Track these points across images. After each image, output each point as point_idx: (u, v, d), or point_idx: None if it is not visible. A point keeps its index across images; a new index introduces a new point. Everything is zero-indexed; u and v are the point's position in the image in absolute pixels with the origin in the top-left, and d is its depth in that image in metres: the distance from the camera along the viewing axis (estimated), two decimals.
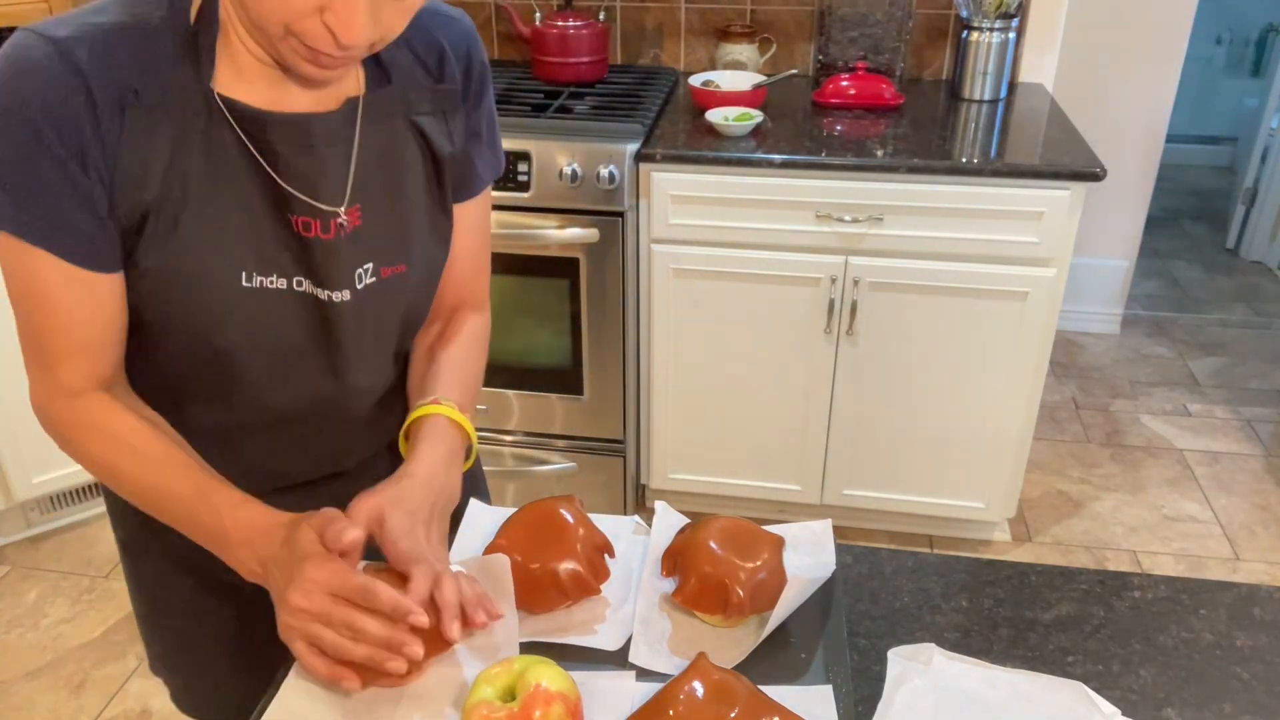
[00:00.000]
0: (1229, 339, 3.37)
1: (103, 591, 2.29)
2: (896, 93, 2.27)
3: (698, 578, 0.81)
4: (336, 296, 0.86)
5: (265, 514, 0.80)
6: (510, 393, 2.31)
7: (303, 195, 0.82)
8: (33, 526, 2.47)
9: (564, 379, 2.27)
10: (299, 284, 0.84)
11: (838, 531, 1.41)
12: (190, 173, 0.78)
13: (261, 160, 0.80)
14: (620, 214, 2.06)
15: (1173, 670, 0.81)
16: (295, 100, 0.82)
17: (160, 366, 0.88)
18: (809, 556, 0.89)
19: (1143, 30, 2.93)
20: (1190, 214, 4.38)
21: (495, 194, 2.06)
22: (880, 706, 0.76)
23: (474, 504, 0.97)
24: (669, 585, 0.86)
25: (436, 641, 0.78)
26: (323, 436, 0.96)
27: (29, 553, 2.42)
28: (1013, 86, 2.43)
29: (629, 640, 0.82)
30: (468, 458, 0.93)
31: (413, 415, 0.91)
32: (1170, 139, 3.17)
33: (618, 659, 0.81)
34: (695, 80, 2.29)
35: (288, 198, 0.81)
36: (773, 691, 0.75)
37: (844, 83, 2.27)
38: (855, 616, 0.86)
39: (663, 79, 2.46)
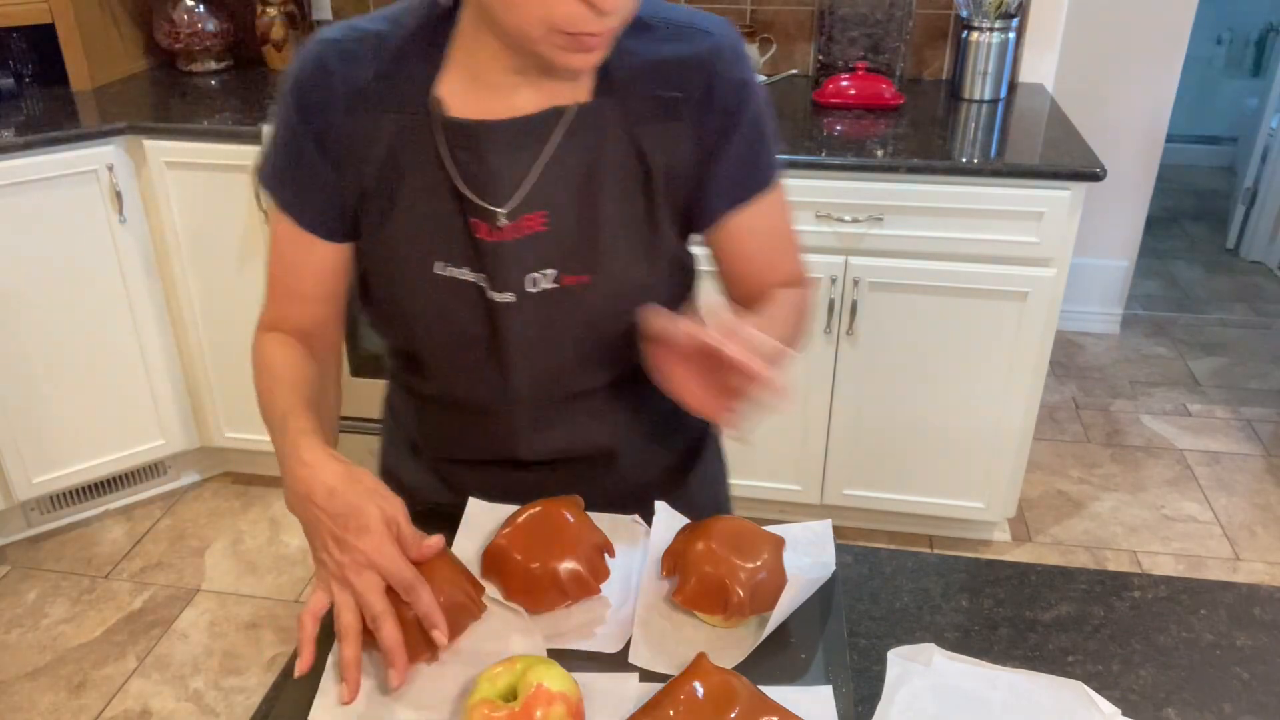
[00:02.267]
0: (1229, 339, 3.38)
1: (103, 591, 2.29)
2: (896, 93, 2.27)
3: (698, 578, 0.81)
4: (500, 297, 0.89)
5: (325, 456, 0.83)
6: None
7: (472, 195, 0.86)
8: (33, 526, 2.47)
9: None
10: (479, 278, 0.89)
11: (838, 531, 1.41)
12: (404, 165, 0.87)
13: (446, 159, 0.86)
14: None
15: (1173, 670, 0.81)
16: (513, 109, 0.86)
17: (380, 336, 1.01)
18: (809, 556, 0.89)
19: (1143, 30, 2.93)
20: (1190, 214, 4.38)
21: None
22: (880, 707, 0.76)
23: (474, 503, 0.97)
24: (669, 585, 0.86)
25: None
26: (491, 425, 1.00)
27: (29, 553, 2.42)
28: (1013, 86, 2.43)
29: (629, 641, 0.82)
30: None
31: None
32: (1170, 139, 3.17)
33: (618, 659, 0.81)
34: None
35: (464, 196, 0.87)
36: (773, 691, 0.75)
37: (844, 83, 2.27)
38: (855, 616, 0.86)
39: None
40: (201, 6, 2.55)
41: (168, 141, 2.19)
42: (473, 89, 0.86)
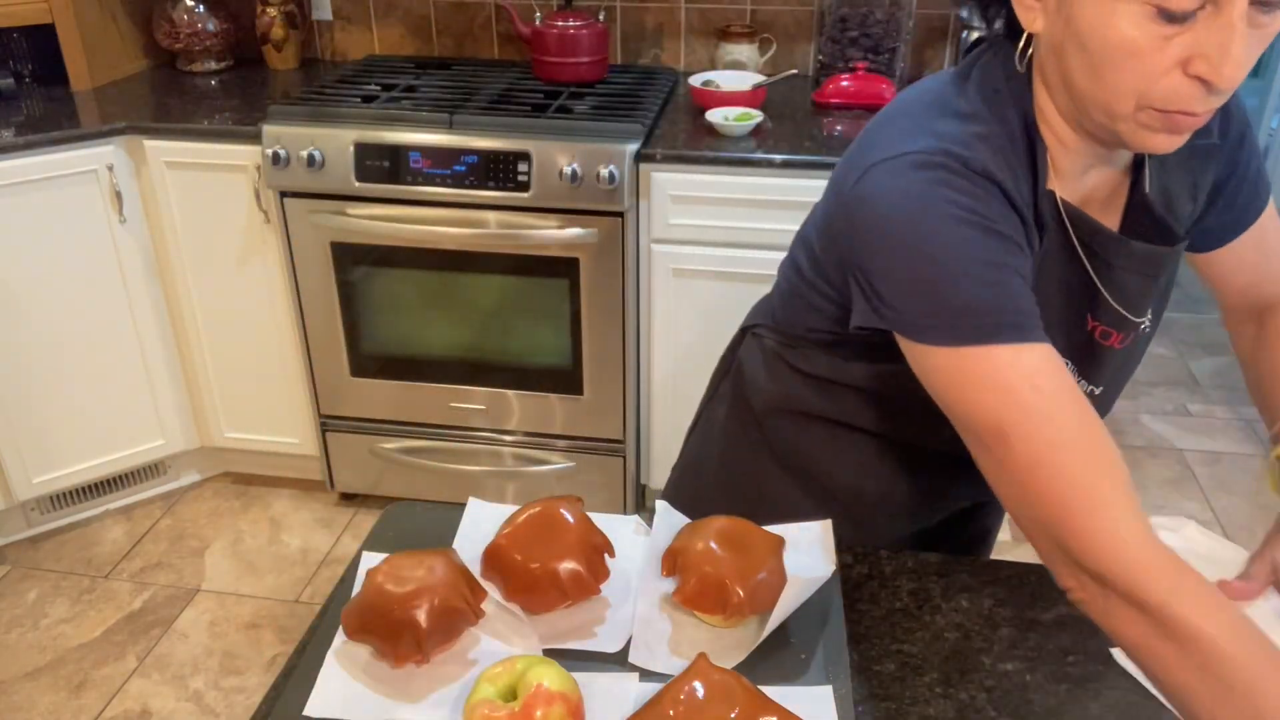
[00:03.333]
0: (1229, 339, 3.37)
1: (103, 591, 2.29)
2: (897, 93, 2.27)
3: (698, 578, 0.81)
4: (1094, 389, 0.89)
5: None
6: (510, 393, 2.31)
7: (1122, 310, 0.83)
8: (33, 526, 2.47)
9: (564, 379, 2.27)
10: (1075, 371, 0.87)
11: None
12: (1046, 275, 0.81)
13: (1093, 274, 0.82)
14: (620, 214, 2.06)
15: None
16: (1091, 189, 0.83)
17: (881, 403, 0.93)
18: (809, 556, 0.89)
19: None
20: None
21: (495, 194, 2.06)
22: None
23: (473, 503, 0.97)
24: (669, 585, 0.86)
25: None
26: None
27: (29, 553, 2.42)
28: None
29: (629, 641, 0.82)
30: None
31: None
32: None
33: (618, 659, 0.81)
34: (695, 80, 2.29)
35: (1100, 306, 0.83)
36: (773, 691, 0.75)
37: (844, 83, 2.27)
38: (855, 616, 0.86)
39: (663, 79, 2.45)
40: (201, 6, 2.55)
41: (168, 141, 2.19)
42: (1066, 184, 0.82)
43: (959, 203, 0.73)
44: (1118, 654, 0.82)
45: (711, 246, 2.09)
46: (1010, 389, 0.70)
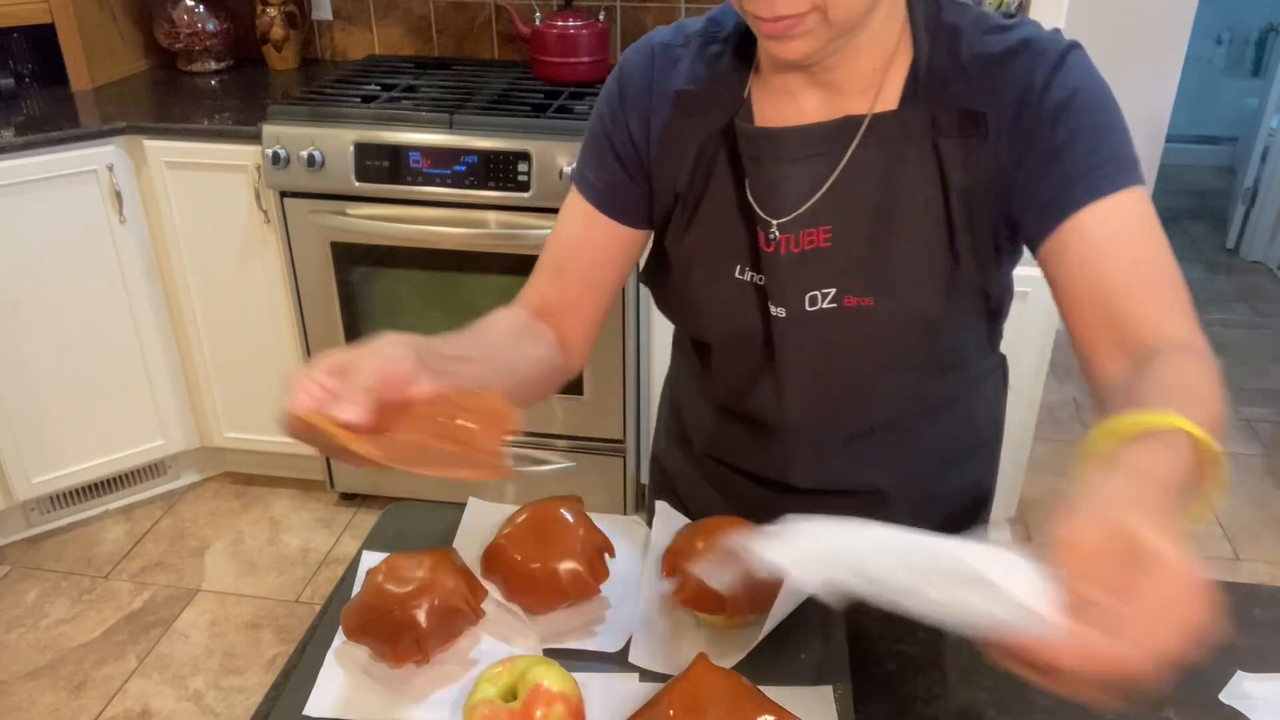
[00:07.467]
0: (1229, 339, 3.38)
1: (103, 591, 2.29)
2: None
3: (698, 578, 0.81)
4: (775, 311, 0.86)
5: None
6: None
7: (755, 205, 0.85)
8: (33, 526, 2.47)
9: None
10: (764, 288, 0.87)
11: None
12: (714, 166, 0.87)
13: (737, 167, 0.86)
14: None
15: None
16: (804, 115, 0.84)
17: (681, 345, 1.06)
18: None
19: (1143, 30, 2.92)
20: (1190, 214, 4.38)
21: (495, 194, 2.06)
22: None
23: (473, 503, 0.97)
24: (669, 585, 0.86)
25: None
26: (765, 443, 0.97)
27: (29, 553, 2.42)
28: None
29: (629, 641, 0.82)
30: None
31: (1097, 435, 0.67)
32: (1170, 139, 3.17)
33: (618, 659, 0.81)
34: None
35: (750, 206, 0.85)
36: (772, 692, 0.75)
37: None
38: (855, 616, 0.86)
39: None
40: (201, 6, 2.55)
41: (168, 141, 2.19)
42: (768, 94, 0.85)
43: (615, 75, 0.93)
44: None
45: None
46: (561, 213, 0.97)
